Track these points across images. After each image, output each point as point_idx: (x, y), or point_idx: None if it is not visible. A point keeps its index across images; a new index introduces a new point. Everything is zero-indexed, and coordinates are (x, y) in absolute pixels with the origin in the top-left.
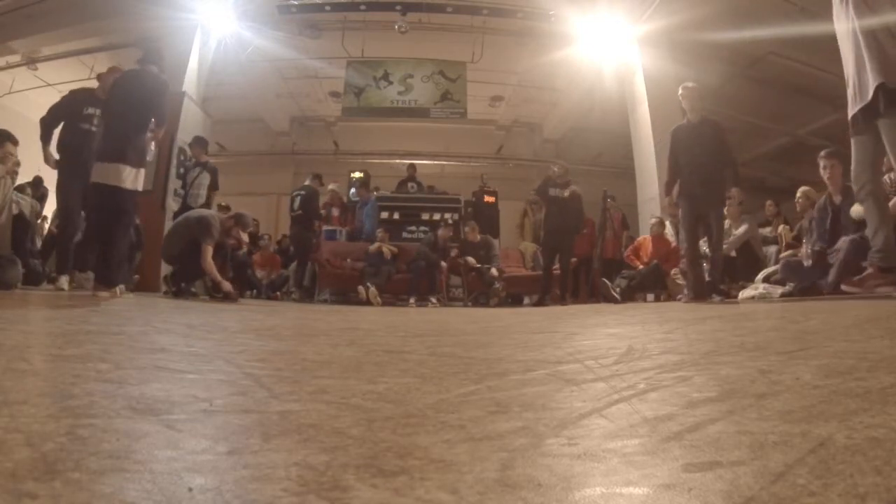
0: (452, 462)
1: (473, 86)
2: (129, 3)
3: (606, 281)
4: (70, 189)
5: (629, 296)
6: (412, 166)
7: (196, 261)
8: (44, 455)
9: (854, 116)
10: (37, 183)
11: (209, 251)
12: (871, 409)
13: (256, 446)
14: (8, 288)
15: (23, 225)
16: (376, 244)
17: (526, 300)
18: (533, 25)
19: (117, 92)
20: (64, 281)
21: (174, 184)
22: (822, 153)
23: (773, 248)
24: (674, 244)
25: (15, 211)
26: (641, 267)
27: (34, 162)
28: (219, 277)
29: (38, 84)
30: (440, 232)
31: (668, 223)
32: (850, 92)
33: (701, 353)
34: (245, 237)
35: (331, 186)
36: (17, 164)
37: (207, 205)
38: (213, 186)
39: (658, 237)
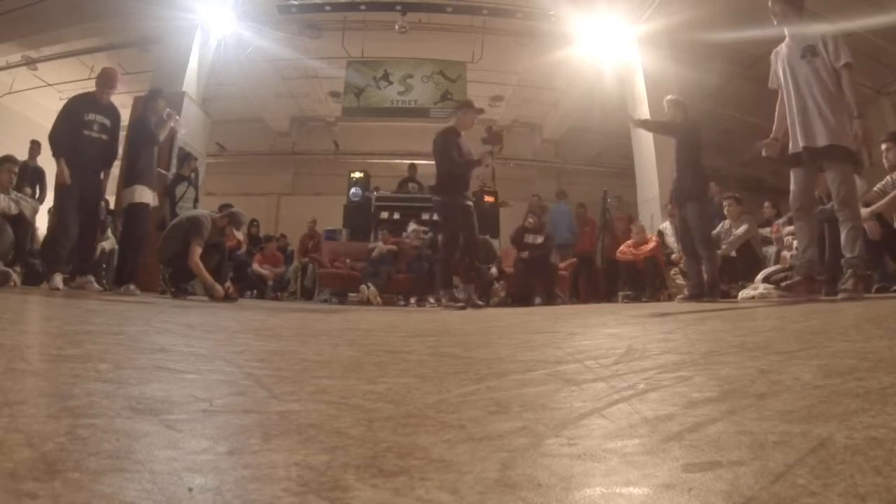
0: (452, 462)
1: (473, 86)
2: (129, 3)
3: (627, 293)
4: (69, 196)
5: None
6: (413, 166)
7: None
8: (44, 455)
9: (796, 154)
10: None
11: (197, 250)
12: (871, 409)
13: (256, 446)
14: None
15: (23, 225)
16: (378, 246)
17: (537, 300)
18: (533, 25)
19: None
20: (58, 279)
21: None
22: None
23: (773, 248)
24: (653, 241)
25: (15, 211)
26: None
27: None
28: (209, 278)
29: (38, 84)
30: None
31: (668, 223)
32: (792, 132)
33: (701, 353)
34: (240, 235)
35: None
36: (15, 174)
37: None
38: (197, 199)
39: (640, 242)
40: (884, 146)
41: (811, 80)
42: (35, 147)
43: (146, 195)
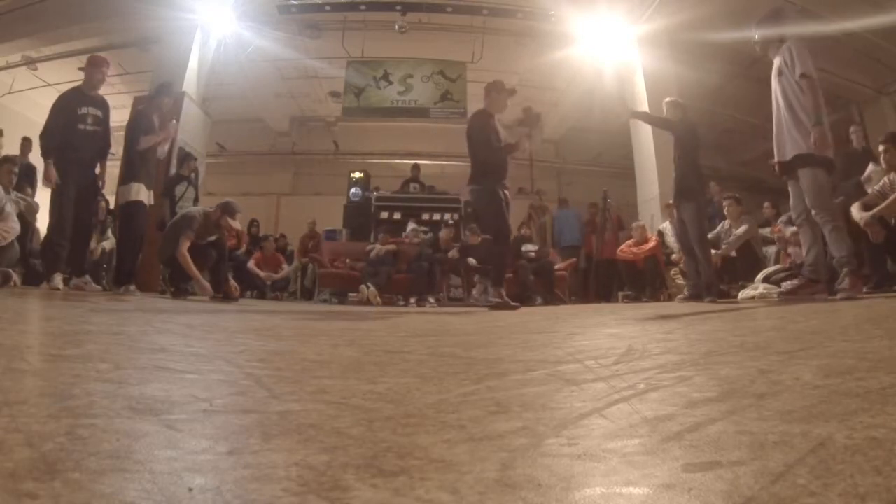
0: (452, 462)
1: (473, 86)
2: (129, 3)
3: (627, 293)
4: (66, 193)
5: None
6: (416, 167)
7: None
8: (44, 455)
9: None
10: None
11: (185, 244)
12: (871, 409)
13: (256, 446)
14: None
15: (23, 225)
16: (377, 248)
17: (539, 300)
18: (533, 25)
19: None
20: (58, 279)
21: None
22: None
23: (773, 248)
24: (653, 240)
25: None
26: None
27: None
28: (195, 272)
29: (38, 84)
30: (441, 234)
31: (668, 223)
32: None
33: (701, 353)
34: (236, 224)
35: None
36: (15, 174)
37: None
38: (197, 199)
39: (641, 241)
40: (881, 147)
41: (780, 99)
42: (26, 144)
43: (143, 193)
